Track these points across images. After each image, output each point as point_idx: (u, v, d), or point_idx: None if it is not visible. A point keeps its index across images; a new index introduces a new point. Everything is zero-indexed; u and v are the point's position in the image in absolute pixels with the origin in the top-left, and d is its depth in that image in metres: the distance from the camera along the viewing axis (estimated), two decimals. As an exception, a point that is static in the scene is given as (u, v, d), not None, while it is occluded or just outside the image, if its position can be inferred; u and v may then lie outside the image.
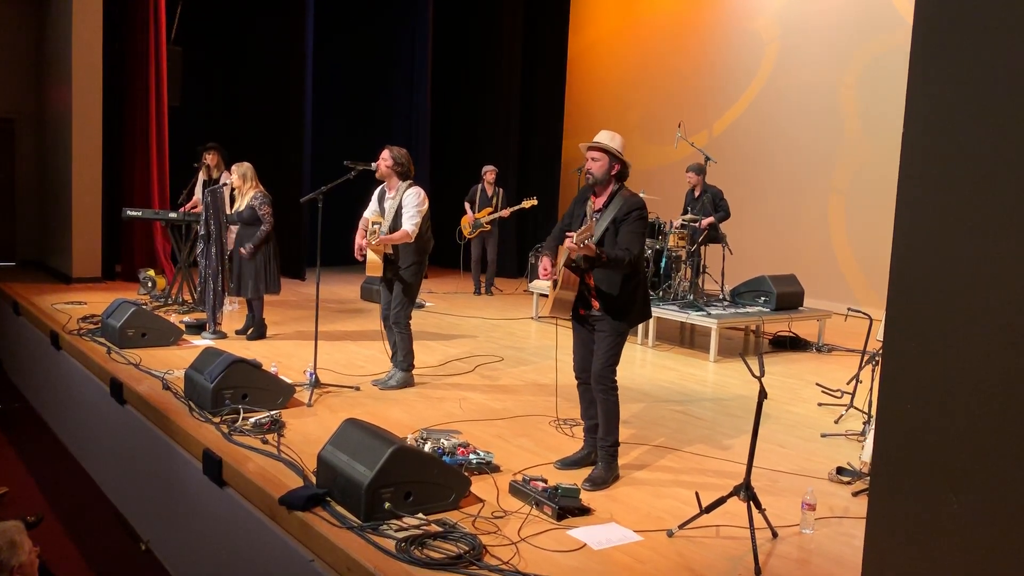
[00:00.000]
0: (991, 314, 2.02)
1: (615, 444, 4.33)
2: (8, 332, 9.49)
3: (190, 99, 11.80)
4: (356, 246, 5.97)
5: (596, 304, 4.31)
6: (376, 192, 6.17)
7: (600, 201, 4.34)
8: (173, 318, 7.77)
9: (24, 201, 12.06)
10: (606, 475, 4.27)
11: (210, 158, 8.78)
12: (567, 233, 4.10)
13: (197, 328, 7.47)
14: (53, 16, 11.06)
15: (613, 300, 4.26)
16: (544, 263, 4.45)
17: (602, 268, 4.18)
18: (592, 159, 4.28)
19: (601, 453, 4.35)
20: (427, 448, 4.27)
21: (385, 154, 5.97)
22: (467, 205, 10.84)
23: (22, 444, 7.20)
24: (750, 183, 11.40)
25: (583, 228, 4.06)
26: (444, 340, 7.92)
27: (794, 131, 11.27)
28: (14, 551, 3.28)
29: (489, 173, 10.78)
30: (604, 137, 4.31)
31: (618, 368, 4.42)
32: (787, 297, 8.34)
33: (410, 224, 5.83)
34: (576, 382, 4.55)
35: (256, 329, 7.46)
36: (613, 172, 4.28)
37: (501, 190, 10.86)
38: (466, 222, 10.81)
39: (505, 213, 10.73)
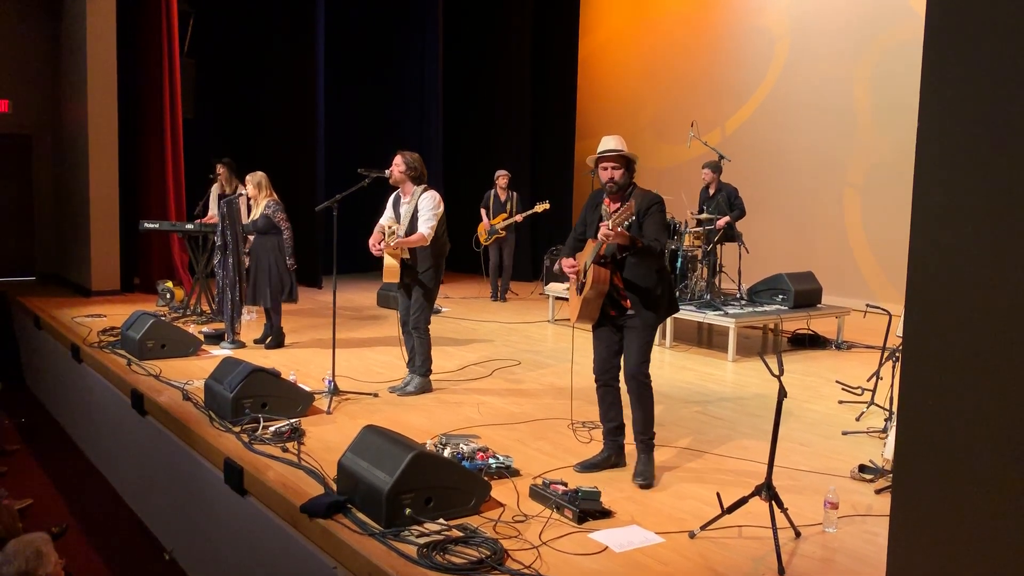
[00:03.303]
0: (1011, 307, 2.00)
1: (653, 435, 4.44)
2: (29, 346, 9.58)
3: (204, 111, 11.88)
4: (371, 242, 5.97)
5: (628, 304, 4.32)
6: (391, 199, 6.18)
7: (616, 204, 4.35)
8: (192, 329, 7.82)
9: (42, 215, 12.18)
10: (651, 466, 4.38)
11: (221, 173, 8.83)
12: (601, 223, 4.11)
13: (216, 338, 7.51)
14: (68, 32, 11.17)
15: (644, 295, 4.29)
16: (566, 261, 4.47)
17: (636, 254, 4.19)
18: (613, 167, 4.30)
19: (642, 447, 4.41)
20: (446, 453, 4.28)
21: (398, 159, 5.99)
22: (483, 212, 10.84)
23: (45, 456, 7.26)
24: (765, 180, 11.36)
25: (622, 209, 4.08)
26: (461, 345, 7.92)
27: (807, 127, 11.22)
28: (40, 562, 3.32)
29: (501, 178, 10.78)
30: (614, 143, 4.33)
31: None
32: (805, 295, 8.30)
33: (426, 227, 5.84)
34: (596, 385, 4.54)
35: (274, 338, 7.50)
36: (631, 175, 4.34)
37: (515, 194, 10.85)
38: (482, 229, 10.82)
39: (518, 218, 10.72)
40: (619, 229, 4.01)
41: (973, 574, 2.09)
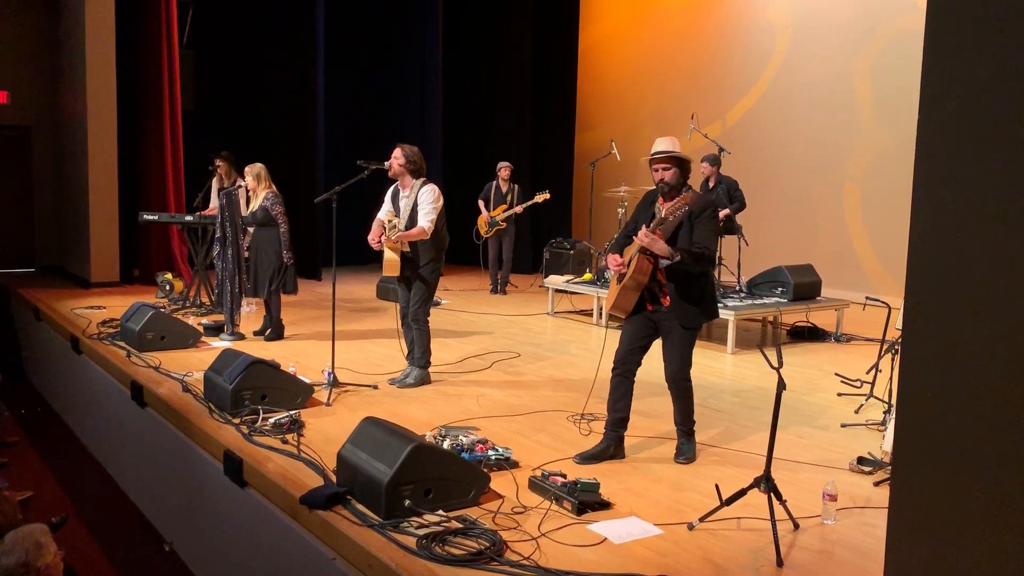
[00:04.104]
0: (1011, 300, 2.00)
1: (693, 423, 4.63)
2: (29, 337, 9.58)
3: (203, 103, 11.86)
4: (371, 237, 5.98)
5: (667, 301, 4.37)
6: (389, 192, 6.18)
7: (670, 203, 4.40)
8: (191, 320, 7.82)
9: (42, 207, 12.17)
10: (693, 448, 4.60)
11: (221, 167, 8.81)
12: (655, 218, 4.23)
13: (215, 330, 7.51)
14: (66, 23, 11.14)
15: (685, 294, 4.35)
16: (612, 257, 4.53)
17: (677, 266, 4.26)
18: (663, 169, 4.39)
19: (683, 435, 4.60)
20: (446, 445, 4.29)
21: (397, 152, 5.98)
22: (481, 204, 10.82)
23: (45, 448, 7.27)
24: (765, 173, 11.35)
25: (677, 200, 4.21)
26: (460, 337, 7.93)
27: (808, 119, 11.20)
28: (39, 552, 3.32)
29: (504, 170, 10.76)
30: (667, 144, 4.40)
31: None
32: (804, 287, 8.30)
33: (426, 220, 5.84)
34: (612, 372, 4.57)
35: (274, 330, 7.50)
36: (685, 176, 4.43)
37: (516, 186, 10.82)
38: (482, 221, 10.81)
39: (518, 209, 10.70)
40: (659, 232, 4.17)
41: (971, 566, 2.10)
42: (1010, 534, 2.01)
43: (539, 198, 10.46)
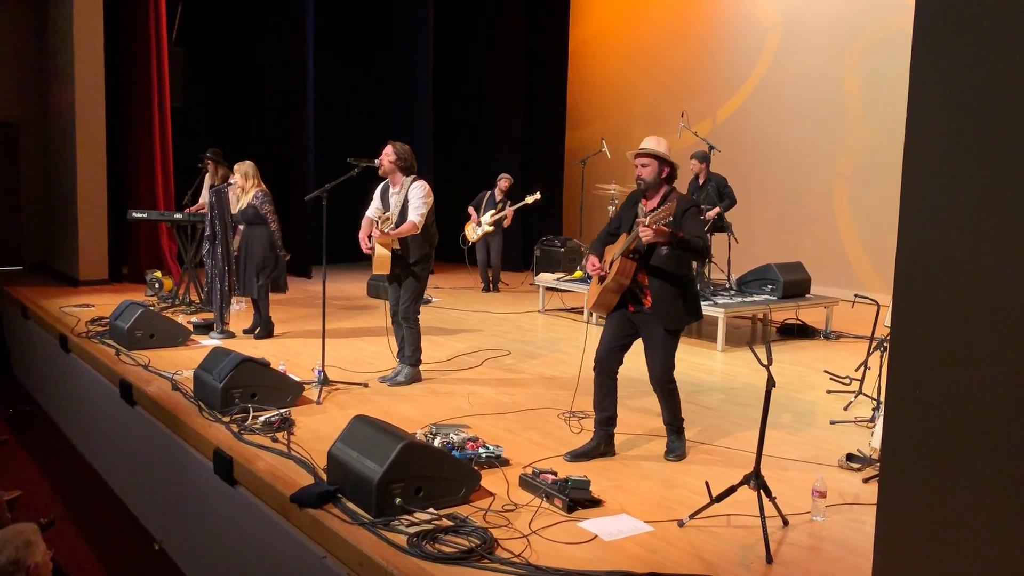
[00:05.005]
0: (999, 297, 2.01)
1: (682, 421, 4.63)
2: (17, 336, 9.53)
3: (193, 100, 11.81)
4: (361, 240, 5.99)
5: (648, 302, 4.38)
6: (378, 189, 6.17)
7: (653, 204, 4.42)
8: (180, 319, 7.79)
9: (30, 205, 12.09)
10: (683, 445, 4.61)
11: (210, 164, 8.77)
12: (637, 220, 4.17)
13: (205, 328, 7.48)
14: (54, 20, 11.07)
15: (666, 298, 4.35)
16: (592, 260, 4.54)
17: (679, 246, 4.23)
18: (642, 165, 4.40)
19: (672, 433, 4.60)
20: (436, 443, 4.28)
21: (388, 150, 5.97)
22: (471, 210, 10.79)
23: (34, 447, 7.23)
24: (754, 170, 11.38)
25: (661, 210, 4.16)
26: (451, 335, 7.92)
27: (798, 117, 11.23)
28: (29, 551, 3.30)
29: (503, 181, 10.72)
30: (651, 143, 4.42)
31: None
32: (794, 285, 8.33)
33: (416, 215, 5.83)
34: (594, 371, 4.57)
35: (263, 328, 7.48)
36: (663, 175, 4.40)
37: (510, 201, 10.75)
38: (469, 226, 10.77)
39: (508, 212, 10.65)
40: (657, 226, 4.09)
41: (960, 562, 2.11)
42: (997, 530, 2.03)
43: (529, 199, 10.41)
